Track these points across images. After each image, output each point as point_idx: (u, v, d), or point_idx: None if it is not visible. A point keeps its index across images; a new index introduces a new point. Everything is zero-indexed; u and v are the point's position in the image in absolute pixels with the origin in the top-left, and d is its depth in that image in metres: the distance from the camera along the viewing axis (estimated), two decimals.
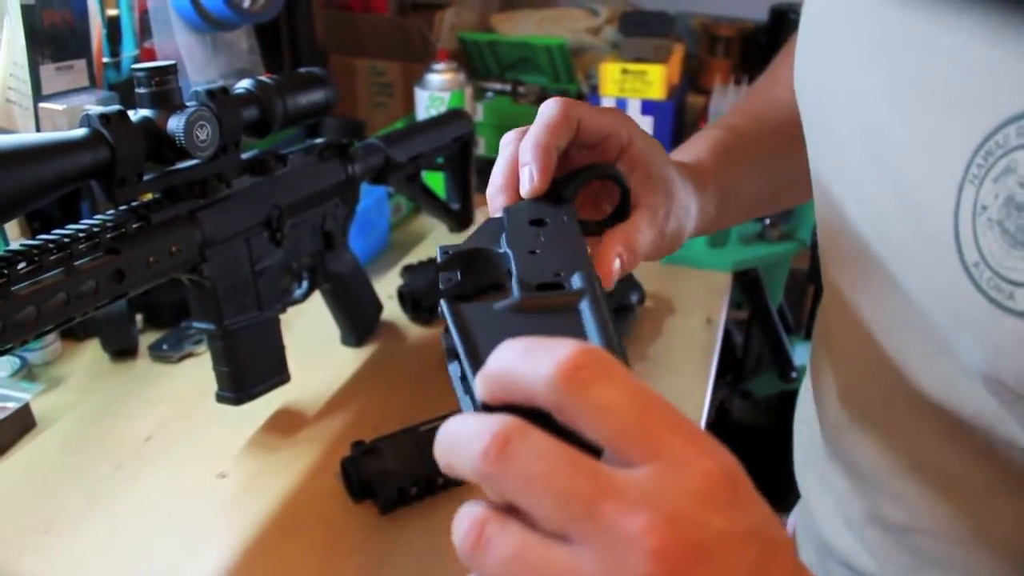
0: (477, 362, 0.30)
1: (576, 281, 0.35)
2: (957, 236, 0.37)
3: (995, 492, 0.46)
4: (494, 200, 0.48)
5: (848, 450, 0.55)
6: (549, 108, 0.47)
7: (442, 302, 0.34)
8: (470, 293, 0.38)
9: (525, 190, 0.46)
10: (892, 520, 0.52)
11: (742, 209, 0.62)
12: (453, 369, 0.35)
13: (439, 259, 0.42)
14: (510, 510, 0.27)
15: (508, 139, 0.49)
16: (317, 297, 0.86)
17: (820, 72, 0.49)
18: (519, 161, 0.47)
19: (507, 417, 0.26)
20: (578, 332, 0.32)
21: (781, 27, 1.57)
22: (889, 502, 0.52)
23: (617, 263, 0.47)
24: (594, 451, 0.27)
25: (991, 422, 0.41)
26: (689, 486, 0.25)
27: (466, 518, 0.27)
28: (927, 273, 0.40)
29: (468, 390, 0.32)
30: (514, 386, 0.27)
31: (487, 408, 0.28)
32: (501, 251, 0.41)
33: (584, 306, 0.33)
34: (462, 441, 0.26)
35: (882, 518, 0.53)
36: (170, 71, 0.62)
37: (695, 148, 0.59)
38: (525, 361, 0.27)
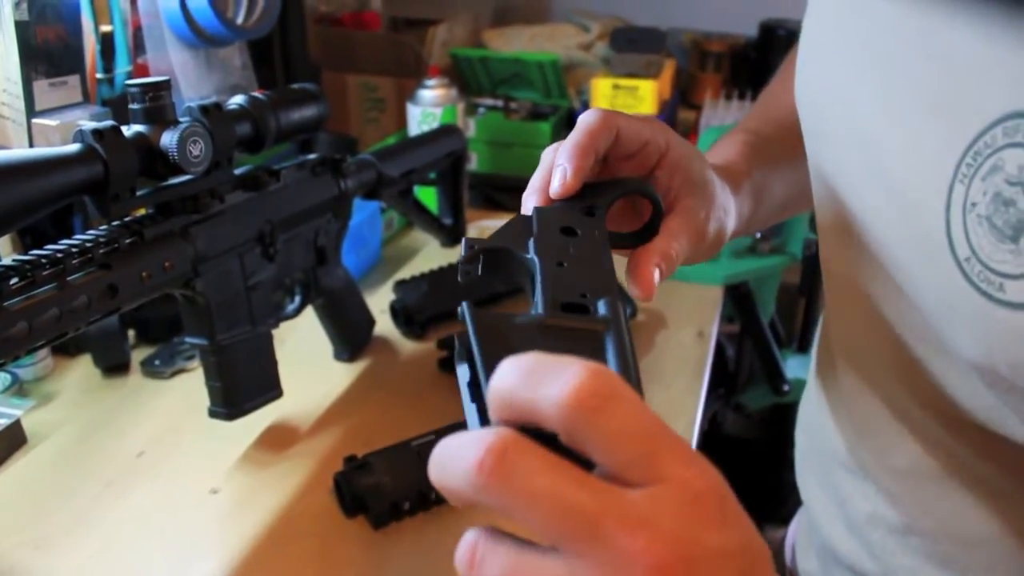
0: (492, 372, 0.29)
1: (602, 308, 0.34)
2: (949, 233, 0.38)
3: (993, 490, 0.47)
4: (527, 201, 0.48)
5: (850, 453, 0.56)
6: (588, 116, 0.47)
7: (463, 305, 0.33)
8: (485, 297, 0.37)
9: (555, 188, 0.46)
10: (893, 521, 0.53)
11: (773, 209, 0.62)
12: (462, 372, 0.33)
13: (463, 252, 0.42)
14: (502, 533, 0.27)
15: (548, 149, 0.49)
16: (310, 312, 0.86)
17: (818, 78, 0.50)
18: (555, 164, 0.47)
19: (504, 430, 0.26)
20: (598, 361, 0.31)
21: (771, 42, 1.58)
22: (889, 503, 0.53)
23: (657, 275, 0.47)
24: (585, 462, 0.27)
25: (989, 417, 0.42)
26: (684, 507, 0.26)
27: (461, 543, 0.28)
28: (922, 270, 0.41)
29: (475, 397, 0.32)
30: (521, 407, 0.27)
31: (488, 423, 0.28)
32: (528, 256, 0.41)
33: (608, 339, 0.32)
34: (456, 455, 0.26)
35: (883, 519, 0.54)
36: (163, 87, 0.62)
37: (723, 151, 0.60)
38: (533, 382, 0.27)
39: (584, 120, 0.47)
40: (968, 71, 0.37)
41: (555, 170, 0.46)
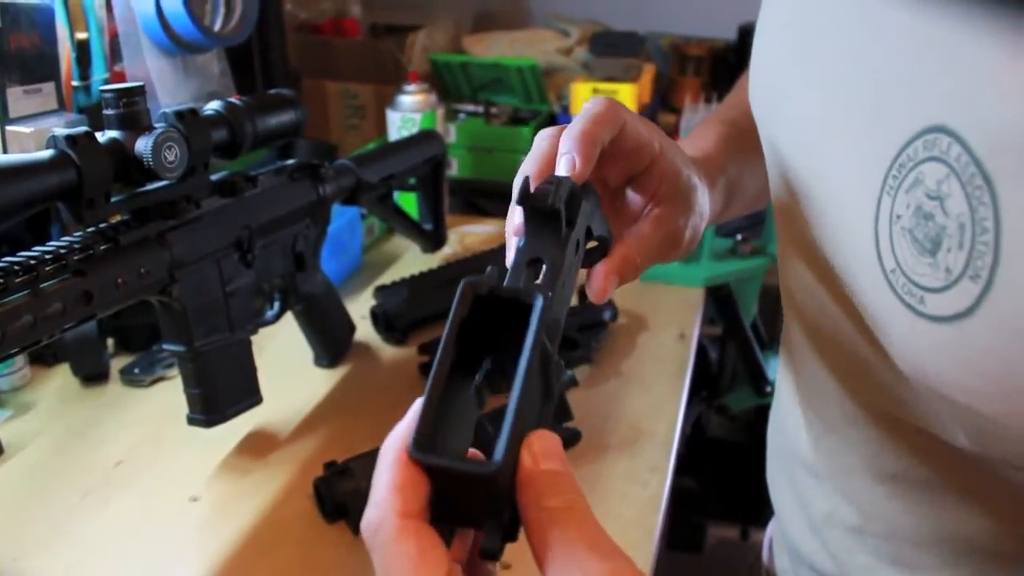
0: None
1: None
2: (877, 244, 0.39)
3: (936, 491, 0.47)
4: (518, 178, 0.45)
5: (809, 454, 0.57)
6: (596, 104, 0.46)
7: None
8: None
9: (564, 171, 0.43)
10: (847, 521, 0.54)
11: (745, 201, 0.62)
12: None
13: (458, 298, 0.37)
14: None
15: (544, 133, 0.47)
16: (289, 318, 0.86)
17: (767, 83, 0.51)
18: (559, 150, 0.44)
19: None
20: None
21: (750, 46, 1.58)
22: (843, 503, 0.54)
23: (614, 284, 0.47)
24: None
25: (928, 423, 0.43)
26: None
27: None
28: (855, 280, 0.42)
29: None
30: None
31: None
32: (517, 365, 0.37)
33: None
34: None
35: (840, 519, 0.55)
36: (138, 92, 0.62)
37: (701, 142, 0.60)
38: None
39: (591, 108, 0.46)
40: (899, 83, 0.38)
41: (561, 157, 0.44)
